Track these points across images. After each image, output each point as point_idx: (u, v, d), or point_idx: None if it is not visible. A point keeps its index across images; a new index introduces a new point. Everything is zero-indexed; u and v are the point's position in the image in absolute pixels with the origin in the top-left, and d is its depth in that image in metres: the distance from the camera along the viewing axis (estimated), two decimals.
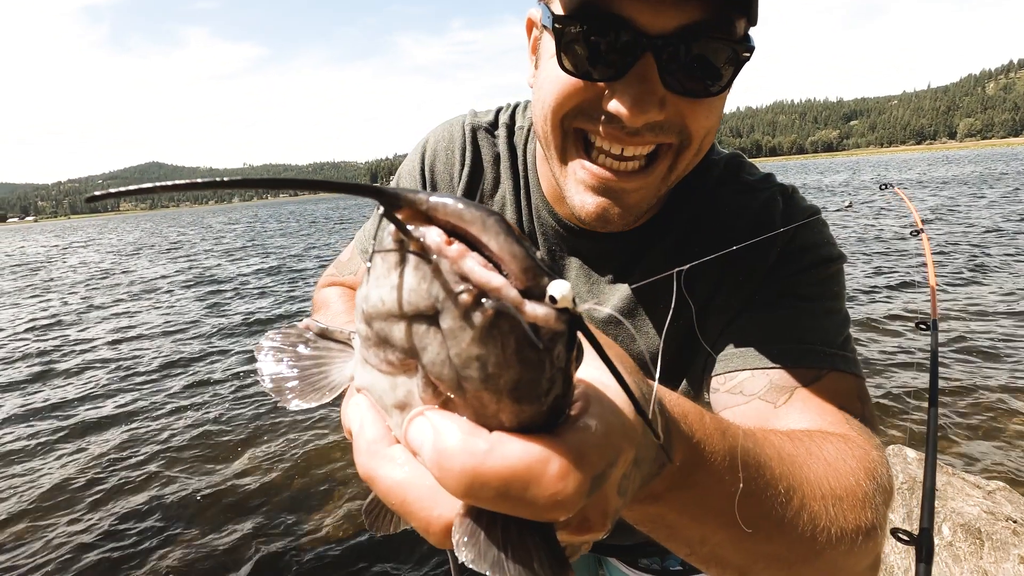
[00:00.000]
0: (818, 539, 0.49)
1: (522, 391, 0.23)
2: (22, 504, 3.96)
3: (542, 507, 0.23)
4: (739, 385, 0.72)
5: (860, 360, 0.74)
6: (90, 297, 12.63)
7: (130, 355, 7.48)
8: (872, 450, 0.60)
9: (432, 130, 0.99)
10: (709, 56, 0.63)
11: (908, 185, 25.43)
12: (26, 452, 4.77)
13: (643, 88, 0.63)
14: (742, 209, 0.81)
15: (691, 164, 0.73)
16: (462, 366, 0.23)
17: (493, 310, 0.22)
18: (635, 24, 0.60)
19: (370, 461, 0.27)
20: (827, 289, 0.76)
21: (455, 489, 0.23)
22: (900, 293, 7.81)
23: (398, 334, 0.24)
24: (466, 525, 0.24)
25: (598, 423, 0.25)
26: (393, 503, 0.26)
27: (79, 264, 21.47)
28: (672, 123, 0.66)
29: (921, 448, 2.57)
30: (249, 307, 10.00)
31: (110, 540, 3.50)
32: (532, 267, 0.22)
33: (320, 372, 0.33)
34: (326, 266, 1.13)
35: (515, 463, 0.22)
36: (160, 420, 5.22)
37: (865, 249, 11.09)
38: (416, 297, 0.23)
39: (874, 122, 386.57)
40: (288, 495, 3.81)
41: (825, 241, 0.79)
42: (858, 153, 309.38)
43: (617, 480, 0.28)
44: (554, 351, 0.23)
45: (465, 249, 0.22)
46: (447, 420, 0.24)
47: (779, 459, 0.50)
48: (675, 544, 0.47)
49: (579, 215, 0.73)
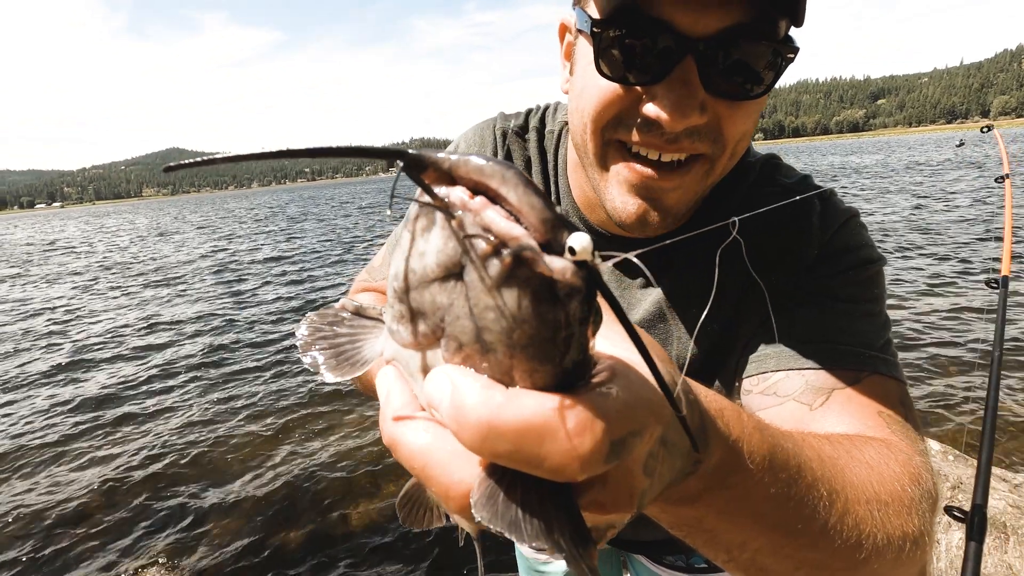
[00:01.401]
0: (864, 546, 0.47)
1: (537, 347, 0.23)
2: (61, 489, 4.09)
3: (557, 463, 0.22)
4: (773, 386, 0.70)
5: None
6: (128, 281, 12.91)
7: (165, 342, 7.64)
8: (916, 455, 0.58)
9: (463, 134, 0.99)
10: (751, 59, 0.61)
11: (943, 168, 24.45)
12: (64, 439, 4.93)
13: (684, 92, 0.61)
14: (778, 212, 0.79)
15: (726, 168, 0.72)
16: (480, 317, 0.23)
17: (511, 258, 0.22)
18: (676, 27, 0.59)
19: (394, 427, 0.28)
20: (866, 291, 0.74)
21: (471, 442, 0.23)
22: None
23: (428, 298, 0.25)
24: (486, 486, 0.24)
25: (621, 391, 0.25)
26: (414, 468, 0.26)
27: (115, 247, 21.94)
28: (710, 128, 0.65)
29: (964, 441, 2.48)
30: (280, 292, 10.13)
31: (144, 530, 3.60)
32: (551, 219, 0.22)
33: (354, 347, 0.35)
34: (348, 247, 1.12)
35: (531, 415, 0.22)
36: (194, 408, 5.34)
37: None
38: (443, 256, 0.24)
39: (902, 101, 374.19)
40: (319, 489, 3.87)
41: (864, 243, 0.77)
42: (885, 133, 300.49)
43: (643, 457, 0.28)
44: (570, 306, 0.22)
45: (486, 202, 0.23)
46: (465, 375, 0.24)
47: (820, 461, 0.48)
48: (713, 550, 0.45)
49: (619, 218, 0.72)
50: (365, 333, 0.35)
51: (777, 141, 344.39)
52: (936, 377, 4.52)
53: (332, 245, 16.05)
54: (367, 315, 0.36)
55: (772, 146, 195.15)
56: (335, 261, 13.12)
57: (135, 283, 12.54)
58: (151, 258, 17.22)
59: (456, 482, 0.25)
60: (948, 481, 2.49)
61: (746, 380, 0.74)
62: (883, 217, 12.23)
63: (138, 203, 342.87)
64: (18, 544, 3.44)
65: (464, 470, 0.25)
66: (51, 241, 30.36)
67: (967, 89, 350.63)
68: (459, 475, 0.25)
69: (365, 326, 0.36)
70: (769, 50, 0.61)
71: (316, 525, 3.42)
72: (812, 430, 0.60)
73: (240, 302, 9.55)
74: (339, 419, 4.71)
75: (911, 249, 8.85)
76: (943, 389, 4.30)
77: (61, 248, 24.80)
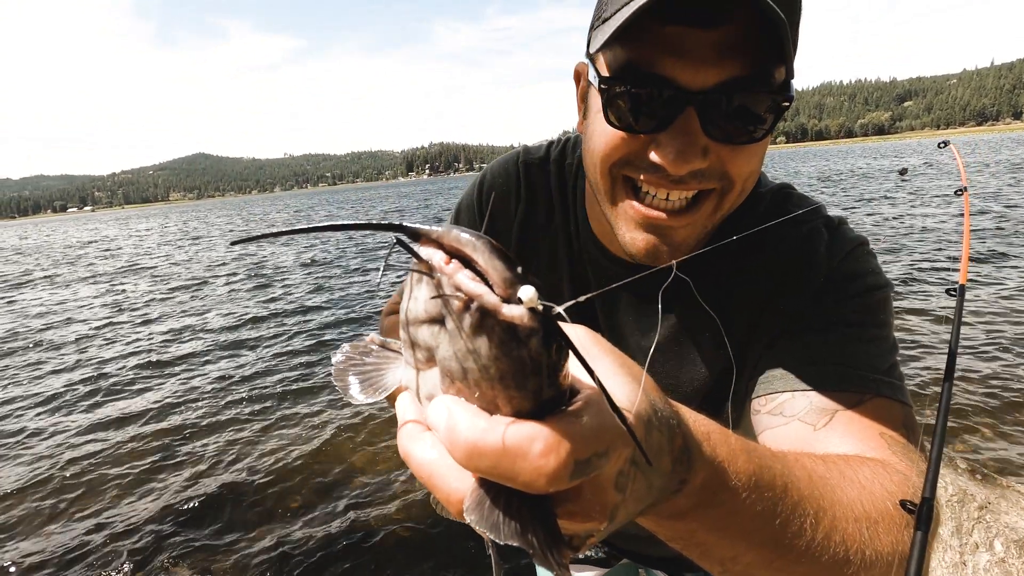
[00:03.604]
0: (852, 561, 0.50)
1: (510, 380, 0.28)
2: (82, 485, 4.20)
3: (527, 479, 0.27)
4: (779, 406, 0.72)
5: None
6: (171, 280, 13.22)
7: (201, 349, 7.79)
8: (913, 476, 0.59)
9: (488, 166, 1.04)
10: (749, 106, 0.65)
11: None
12: (87, 429, 5.07)
13: (686, 139, 0.66)
14: (786, 241, 0.81)
15: (735, 203, 0.75)
16: (462, 359, 0.28)
17: (479, 312, 0.27)
18: (676, 82, 0.63)
19: (407, 443, 0.33)
20: (873, 316, 0.75)
21: (459, 458, 0.28)
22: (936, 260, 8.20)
23: (421, 337, 0.31)
24: (476, 495, 0.29)
25: (590, 417, 0.29)
26: (422, 477, 0.32)
27: (147, 248, 22.48)
28: (714, 170, 0.69)
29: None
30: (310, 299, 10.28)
31: (162, 527, 3.68)
32: (510, 277, 0.27)
33: (379, 374, 0.41)
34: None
35: (506, 439, 0.27)
36: (223, 408, 5.45)
37: (910, 213, 10.83)
38: (429, 306, 0.30)
39: (930, 103, 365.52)
40: (344, 488, 3.94)
41: (871, 270, 0.79)
42: (911, 136, 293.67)
43: (613, 475, 0.32)
44: (531, 344, 0.27)
45: (459, 266, 0.28)
46: (458, 404, 0.29)
47: (809, 480, 0.51)
48: (708, 562, 0.48)
49: (630, 251, 0.76)
50: (388, 363, 0.41)
51: (800, 144, 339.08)
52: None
53: (355, 252, 16.24)
54: (391, 348, 0.43)
55: (794, 150, 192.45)
56: (354, 269, 13.28)
57: (179, 288, 12.83)
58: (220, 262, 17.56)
59: (454, 490, 0.30)
60: None
61: (755, 400, 0.76)
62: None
63: (164, 206, 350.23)
64: (19, 540, 3.56)
65: (460, 481, 0.30)
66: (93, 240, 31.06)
67: (998, 90, 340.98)
68: (456, 484, 0.30)
69: (389, 357, 0.42)
70: (767, 98, 0.65)
71: (336, 526, 3.47)
72: (815, 450, 0.62)
73: (270, 306, 9.72)
74: (358, 430, 4.77)
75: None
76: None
77: (137, 252, 25.40)
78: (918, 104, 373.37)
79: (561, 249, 0.95)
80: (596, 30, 0.70)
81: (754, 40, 0.62)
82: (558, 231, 0.95)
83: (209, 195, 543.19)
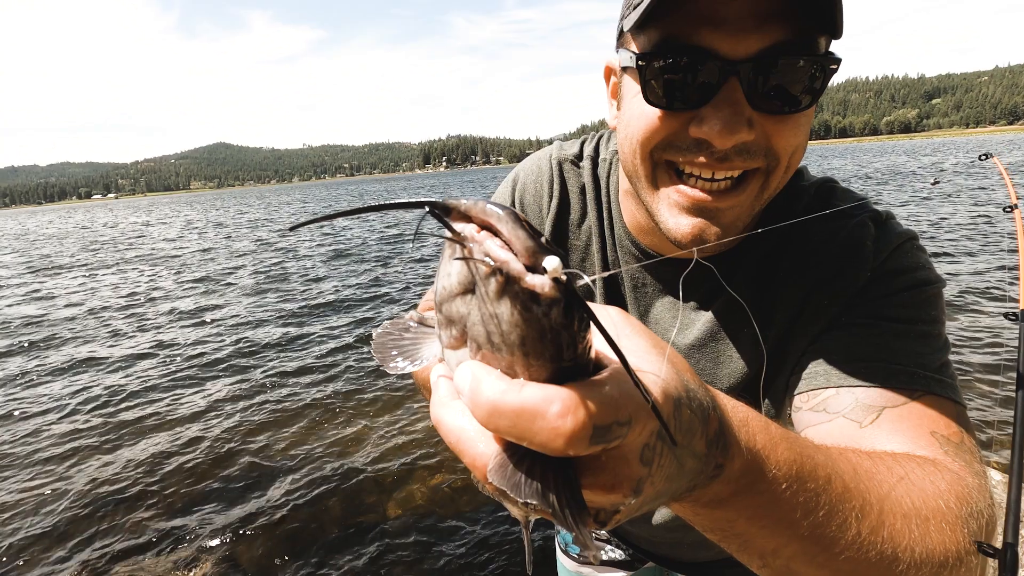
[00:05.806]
0: (900, 558, 0.48)
1: (531, 346, 0.29)
2: (117, 479, 4.28)
3: (544, 439, 0.27)
4: (823, 403, 0.69)
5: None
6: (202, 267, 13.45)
7: (234, 335, 7.91)
8: (968, 477, 0.57)
9: (521, 164, 1.03)
10: (793, 74, 0.63)
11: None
12: (114, 426, 5.16)
13: (731, 111, 0.63)
14: (831, 235, 0.78)
15: (782, 182, 0.72)
16: (488, 323, 0.30)
17: (504, 277, 0.28)
18: (717, 53, 0.61)
19: (439, 410, 0.34)
20: (923, 312, 0.71)
21: (481, 418, 0.29)
22: (987, 279, 7.24)
23: (455, 309, 0.32)
24: (500, 458, 0.30)
25: (612, 387, 0.30)
26: (450, 442, 0.33)
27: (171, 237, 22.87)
28: (759, 145, 0.66)
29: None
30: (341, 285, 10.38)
31: (190, 523, 3.72)
32: (533, 247, 0.28)
33: (415, 348, 0.44)
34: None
35: (525, 399, 0.28)
36: (256, 399, 5.51)
37: (952, 230, 10.32)
38: (461, 276, 0.31)
39: (959, 100, 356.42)
40: (371, 474, 3.97)
41: (920, 265, 0.75)
42: (939, 134, 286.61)
43: (638, 447, 0.32)
44: (552, 312, 0.28)
45: (488, 235, 0.29)
46: (482, 368, 0.30)
47: (854, 473, 0.49)
48: (748, 555, 0.47)
49: (674, 237, 0.72)
50: (424, 338, 0.44)
51: (822, 142, 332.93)
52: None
53: (378, 244, 16.32)
54: (427, 324, 0.45)
55: (810, 147, 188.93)
56: (383, 257, 13.34)
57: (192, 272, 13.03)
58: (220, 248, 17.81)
59: (480, 454, 0.31)
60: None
61: (796, 397, 0.73)
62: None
63: (186, 195, 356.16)
64: (22, 537, 3.61)
65: (487, 445, 0.31)
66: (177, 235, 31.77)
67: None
68: (482, 448, 0.31)
69: (426, 333, 0.45)
70: (811, 65, 0.63)
71: (357, 521, 3.51)
72: (861, 447, 0.58)
73: (290, 297, 9.82)
74: (380, 417, 4.79)
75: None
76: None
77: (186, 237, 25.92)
78: (947, 101, 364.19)
79: (594, 244, 0.94)
80: (626, 19, 0.68)
81: (795, 4, 0.59)
82: (591, 227, 0.94)
83: (229, 184, 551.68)
